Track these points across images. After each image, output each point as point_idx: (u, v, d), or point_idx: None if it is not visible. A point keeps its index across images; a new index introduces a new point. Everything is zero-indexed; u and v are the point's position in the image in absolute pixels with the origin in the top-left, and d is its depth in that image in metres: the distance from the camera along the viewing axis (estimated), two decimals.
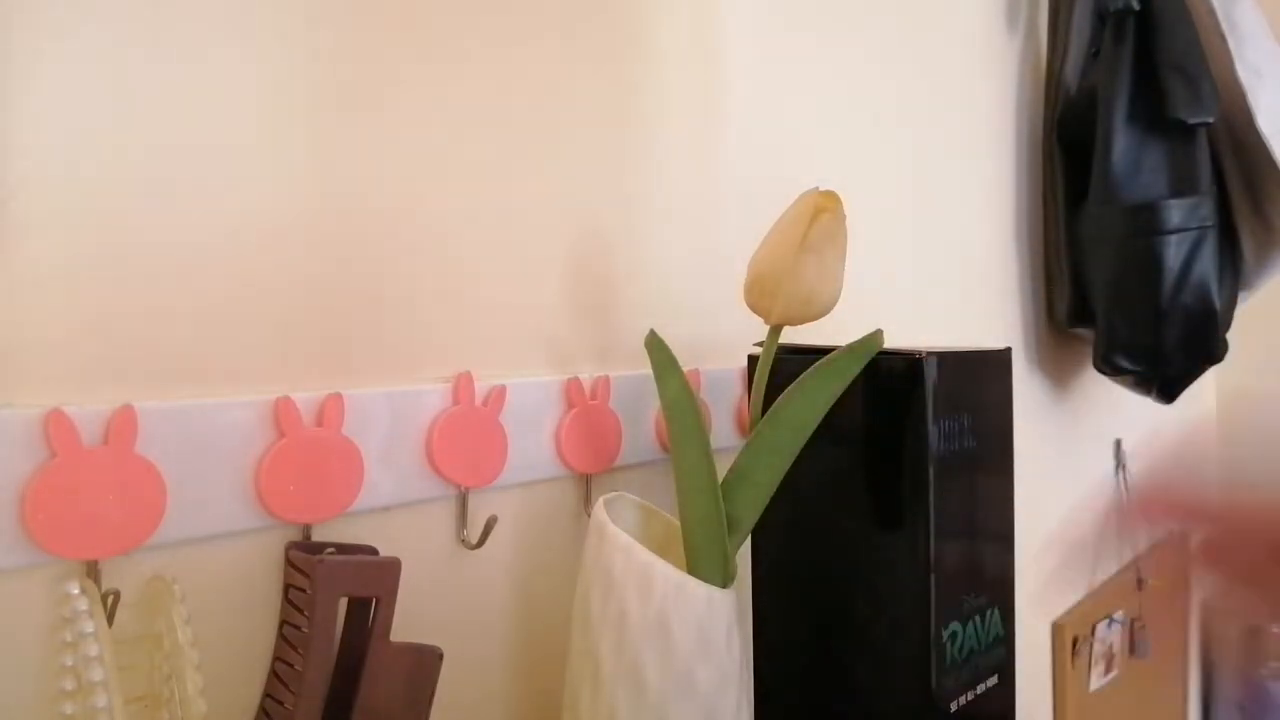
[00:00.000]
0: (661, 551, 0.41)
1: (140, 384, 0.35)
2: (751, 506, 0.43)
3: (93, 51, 0.34)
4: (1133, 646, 1.27)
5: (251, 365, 0.38)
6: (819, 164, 0.72)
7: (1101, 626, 1.19)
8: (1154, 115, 0.91)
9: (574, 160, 0.52)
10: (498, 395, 0.46)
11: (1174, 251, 0.91)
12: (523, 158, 0.49)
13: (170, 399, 0.35)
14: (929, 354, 0.45)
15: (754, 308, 0.45)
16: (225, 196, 0.37)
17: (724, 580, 0.42)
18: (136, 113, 0.35)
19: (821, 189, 0.44)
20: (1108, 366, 0.99)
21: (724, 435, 0.59)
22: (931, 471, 0.45)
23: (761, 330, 0.46)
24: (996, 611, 0.49)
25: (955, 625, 0.46)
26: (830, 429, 0.43)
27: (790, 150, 0.69)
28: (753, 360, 0.51)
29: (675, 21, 0.59)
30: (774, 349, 0.45)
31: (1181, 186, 0.92)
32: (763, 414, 0.44)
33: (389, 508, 0.42)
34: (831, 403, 0.43)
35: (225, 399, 0.37)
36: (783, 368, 0.45)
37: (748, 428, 0.46)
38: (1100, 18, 0.96)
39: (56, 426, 0.31)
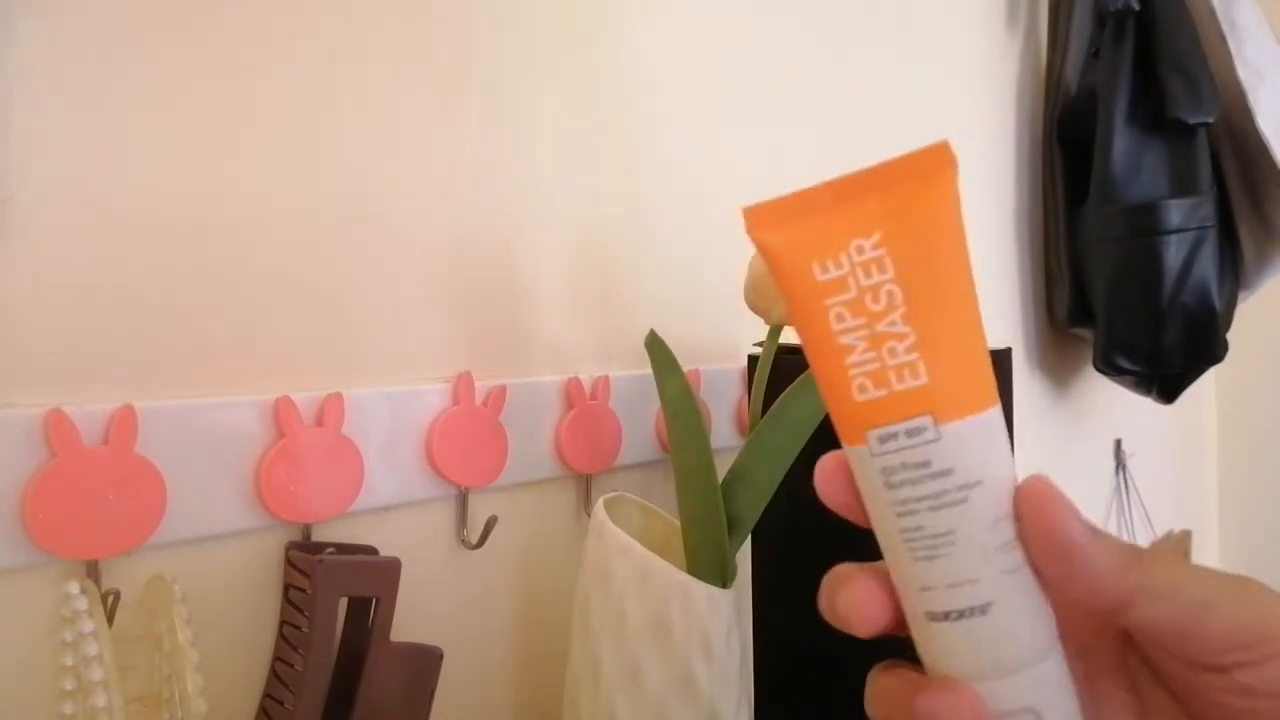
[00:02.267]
0: (661, 551, 0.41)
1: (140, 384, 0.35)
2: (751, 506, 0.43)
3: (92, 53, 0.34)
4: None
5: (252, 365, 0.38)
6: (819, 164, 0.72)
7: None
8: (1154, 115, 0.91)
9: (575, 161, 0.52)
10: (498, 395, 0.46)
11: (1174, 251, 0.91)
12: (525, 158, 0.49)
13: (170, 399, 0.35)
14: None
15: (754, 308, 0.45)
16: (225, 197, 0.37)
17: (724, 580, 0.42)
18: (134, 113, 0.35)
19: None
20: (1108, 366, 0.99)
21: (724, 435, 0.59)
22: None
23: (761, 330, 0.46)
24: None
25: None
26: (830, 429, 0.43)
27: (789, 150, 0.69)
28: (753, 360, 0.51)
29: (674, 22, 0.59)
30: (774, 349, 0.45)
31: (1181, 186, 0.92)
32: (763, 414, 0.44)
33: (389, 508, 0.42)
34: None
35: (226, 399, 0.37)
36: (783, 368, 0.45)
37: (748, 428, 0.46)
38: (1100, 18, 0.96)
39: (57, 426, 0.31)
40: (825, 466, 0.22)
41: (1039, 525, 0.20)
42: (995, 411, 0.21)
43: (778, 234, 0.21)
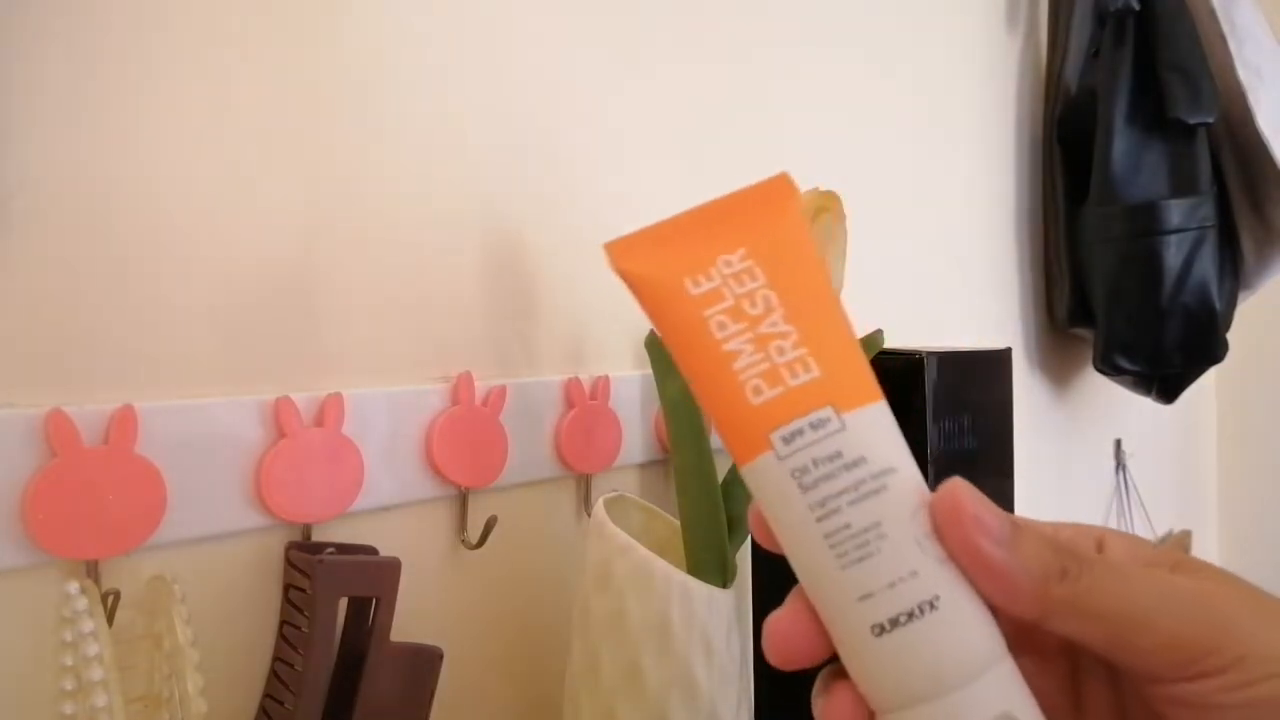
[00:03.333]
0: (662, 551, 0.41)
1: (140, 384, 0.35)
2: None
3: (92, 54, 0.34)
4: None
5: (251, 365, 0.38)
6: (819, 164, 0.72)
7: None
8: (1154, 115, 0.91)
9: (574, 157, 0.52)
10: (498, 395, 0.46)
11: (1174, 252, 0.91)
12: (524, 156, 0.49)
13: (171, 399, 0.35)
14: (929, 354, 0.45)
15: None
16: (224, 197, 0.37)
17: (724, 580, 0.42)
18: (135, 113, 0.35)
19: (822, 188, 0.44)
20: (1108, 366, 0.99)
21: None
22: (931, 472, 0.45)
23: None
24: None
25: None
26: None
27: (790, 150, 0.69)
28: None
29: (692, 25, 0.59)
30: None
31: (1181, 187, 0.92)
32: None
33: (389, 508, 0.42)
34: None
35: (226, 399, 0.37)
36: None
37: None
38: (1100, 18, 0.96)
39: (57, 426, 0.31)
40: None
41: (954, 543, 0.19)
42: (885, 404, 0.20)
43: (643, 262, 0.22)
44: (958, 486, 0.20)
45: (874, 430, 0.20)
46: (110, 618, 0.32)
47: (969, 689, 0.18)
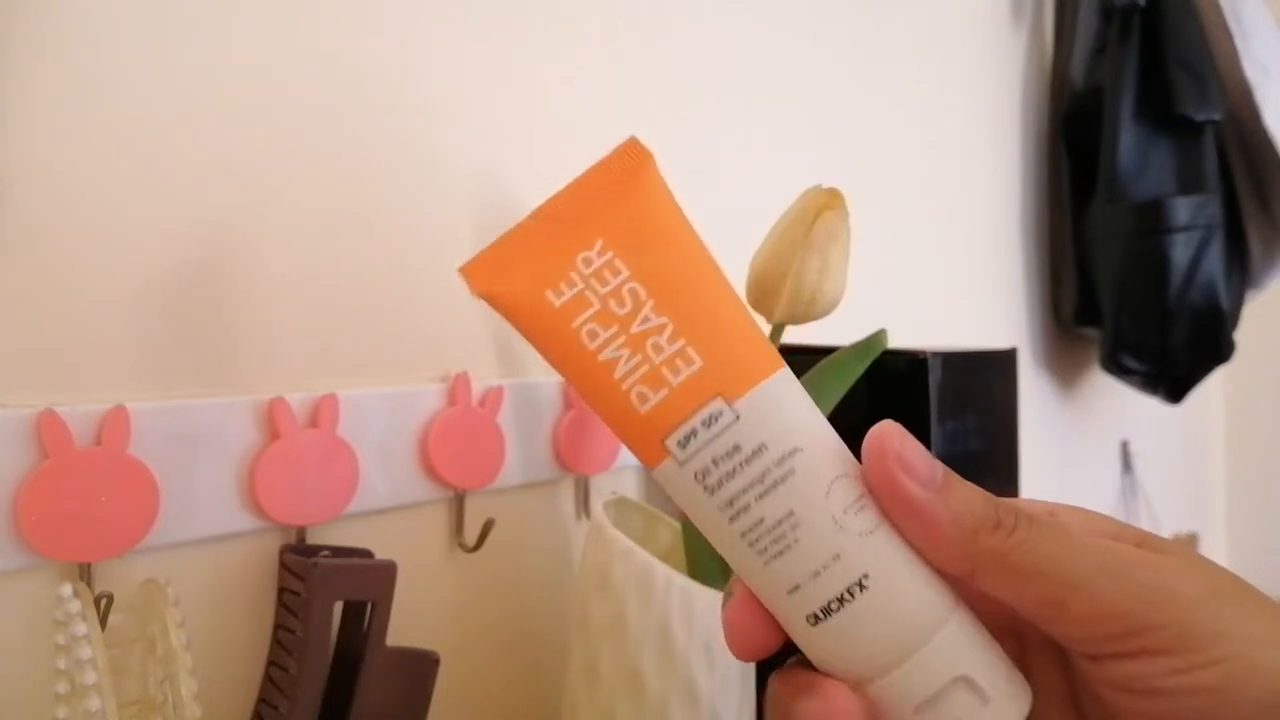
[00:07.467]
0: (662, 555, 0.41)
1: (133, 384, 0.34)
2: None
3: (87, 54, 0.33)
4: None
5: (245, 365, 0.38)
6: (823, 162, 0.71)
7: None
8: (1160, 112, 0.90)
9: (575, 154, 0.52)
10: (495, 396, 0.45)
11: (1181, 250, 0.91)
12: (524, 153, 0.49)
13: (163, 399, 0.35)
14: (933, 354, 0.45)
15: (755, 307, 0.45)
16: (218, 196, 0.37)
17: (725, 583, 0.42)
18: (128, 112, 0.35)
19: (825, 186, 0.43)
20: (1114, 366, 0.98)
21: None
22: None
23: (763, 330, 0.45)
24: None
25: None
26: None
27: (794, 148, 0.69)
28: None
29: (685, 19, 0.59)
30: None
31: (1188, 184, 0.91)
32: None
33: (385, 510, 0.42)
34: (834, 404, 0.42)
35: (219, 399, 0.36)
36: None
37: None
38: (1106, 13, 0.95)
39: (49, 427, 0.31)
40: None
41: (877, 484, 0.18)
42: (784, 373, 0.19)
43: (501, 281, 0.20)
44: (886, 427, 0.19)
45: (771, 412, 0.19)
46: (103, 621, 0.32)
47: (915, 660, 0.18)
